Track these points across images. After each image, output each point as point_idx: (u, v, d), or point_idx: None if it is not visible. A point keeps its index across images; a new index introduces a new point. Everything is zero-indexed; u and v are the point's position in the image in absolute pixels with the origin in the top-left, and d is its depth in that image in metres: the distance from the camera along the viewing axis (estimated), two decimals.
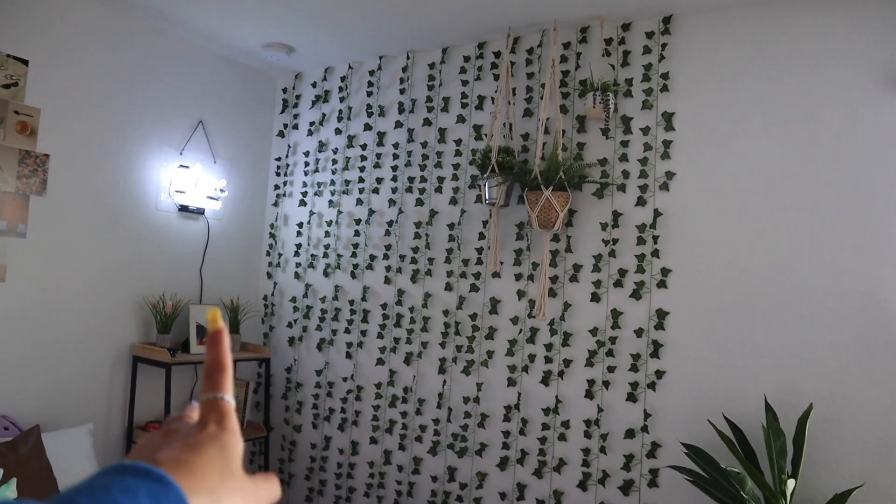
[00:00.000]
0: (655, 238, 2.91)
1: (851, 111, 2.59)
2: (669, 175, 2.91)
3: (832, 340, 2.53)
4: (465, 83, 3.52)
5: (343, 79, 4.01)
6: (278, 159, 4.27)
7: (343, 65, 4.02)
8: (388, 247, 3.68)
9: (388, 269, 3.67)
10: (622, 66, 3.08)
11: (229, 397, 0.53)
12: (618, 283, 2.98)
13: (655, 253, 2.91)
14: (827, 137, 2.62)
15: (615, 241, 3.00)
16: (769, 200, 2.70)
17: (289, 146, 4.24)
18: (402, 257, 3.62)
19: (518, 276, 3.24)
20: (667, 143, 2.92)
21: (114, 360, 3.42)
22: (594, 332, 3.01)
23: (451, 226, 3.46)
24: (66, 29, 3.19)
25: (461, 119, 3.49)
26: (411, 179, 3.64)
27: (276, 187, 4.26)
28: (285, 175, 4.23)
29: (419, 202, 3.59)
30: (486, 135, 3.38)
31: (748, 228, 2.73)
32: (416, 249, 3.57)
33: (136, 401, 3.48)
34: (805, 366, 2.57)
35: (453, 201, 3.47)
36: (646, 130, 2.98)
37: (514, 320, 3.22)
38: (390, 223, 3.68)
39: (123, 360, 3.46)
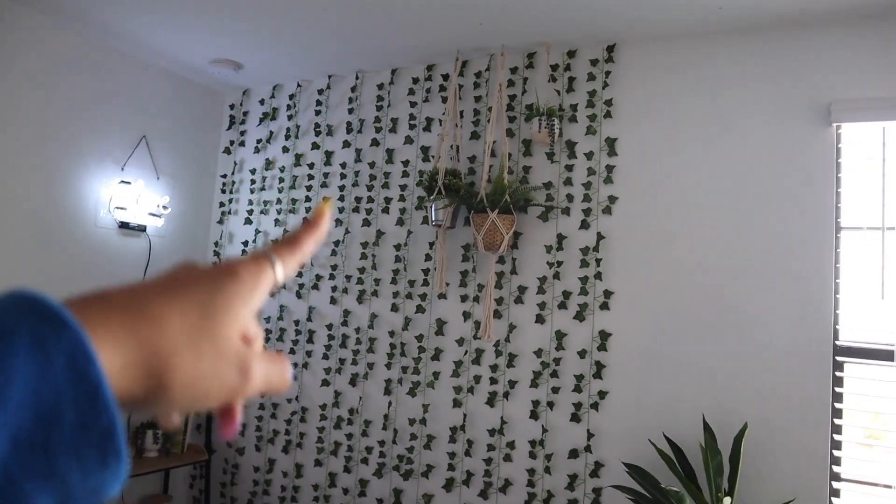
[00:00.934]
0: (598, 261, 2.97)
1: (783, 139, 2.70)
2: (612, 199, 2.98)
3: (766, 361, 2.62)
4: (413, 104, 3.54)
5: (291, 97, 3.99)
6: (224, 176, 4.21)
7: (292, 83, 4.00)
8: (334, 267, 3.66)
9: (333, 289, 3.64)
10: (567, 92, 3.15)
11: (278, 262, 0.44)
12: (562, 305, 3.02)
13: (598, 275, 2.96)
14: (761, 164, 2.72)
15: (559, 264, 3.05)
16: (707, 224, 2.79)
17: (235, 163, 4.18)
18: (348, 277, 3.60)
19: (464, 298, 3.26)
20: (610, 168, 3.00)
21: None
22: (539, 353, 3.04)
23: (397, 246, 3.46)
24: (3, 38, 3.09)
25: (409, 140, 3.50)
26: (358, 199, 3.63)
27: (222, 205, 4.19)
28: (231, 192, 4.17)
29: (366, 222, 3.58)
30: (433, 157, 3.40)
31: (687, 252, 2.81)
32: (362, 270, 3.56)
33: None
34: (741, 386, 2.65)
35: (400, 222, 3.48)
36: (590, 155, 3.04)
37: (460, 341, 3.23)
38: (336, 243, 3.66)
39: None
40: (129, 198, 3.64)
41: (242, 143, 4.16)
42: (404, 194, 3.50)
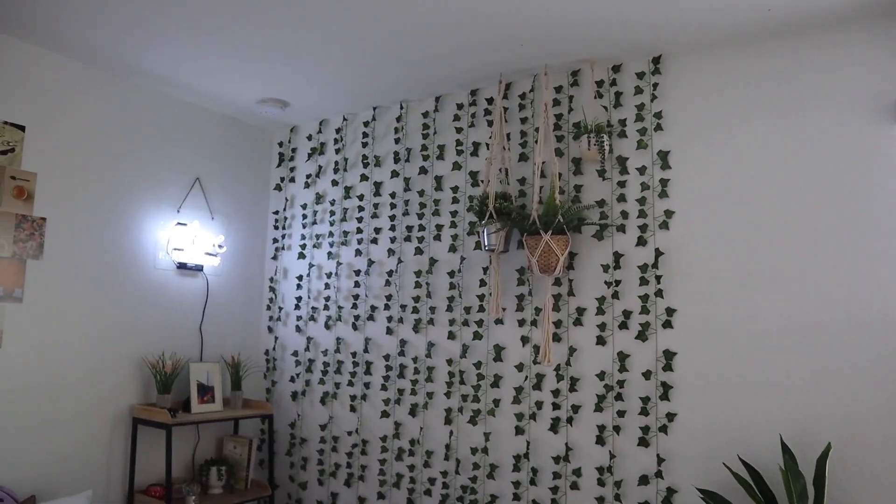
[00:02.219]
0: (658, 278, 2.88)
1: (847, 140, 2.58)
2: (668, 213, 2.89)
3: (847, 375, 2.47)
4: (459, 130, 3.53)
5: (338, 130, 4.03)
6: (276, 213, 4.26)
7: (338, 117, 4.05)
8: (388, 297, 3.65)
9: (389, 319, 3.63)
10: (615, 108, 3.09)
11: None
12: (623, 325, 2.93)
13: (659, 293, 2.87)
14: (825, 168, 2.60)
15: (618, 283, 2.97)
16: (771, 234, 2.67)
17: (286, 199, 4.24)
18: (403, 307, 3.59)
19: (521, 322, 3.20)
20: (664, 182, 2.91)
21: (113, 423, 3.35)
22: (601, 375, 2.95)
23: (451, 273, 3.43)
24: (62, 93, 3.21)
25: (457, 166, 3.49)
26: (409, 228, 3.63)
27: (275, 241, 4.24)
28: (283, 228, 4.22)
29: (418, 251, 3.56)
30: (482, 181, 3.38)
31: (752, 263, 2.70)
32: (416, 299, 3.53)
33: (137, 464, 3.41)
34: (820, 403, 2.50)
35: (452, 249, 3.45)
36: (642, 170, 2.97)
37: (520, 367, 3.17)
38: (390, 273, 3.66)
39: (123, 423, 3.39)
40: (185, 239, 3.72)
41: (293, 179, 4.22)
42: (455, 220, 3.47)
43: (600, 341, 2.98)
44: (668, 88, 2.98)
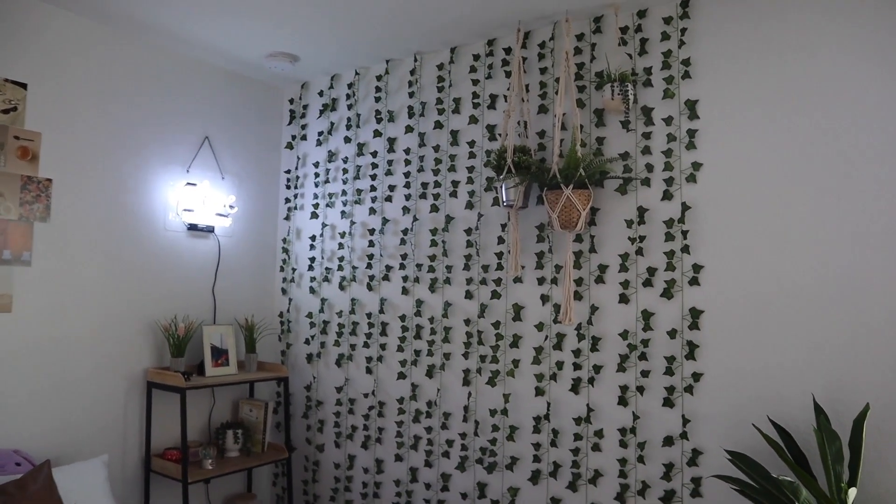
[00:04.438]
0: (685, 233, 2.75)
1: (891, 87, 2.41)
2: (696, 166, 2.75)
3: (886, 332, 2.35)
4: (475, 83, 3.39)
5: (350, 86, 3.89)
6: (288, 172, 4.16)
7: (349, 71, 3.91)
8: (403, 256, 3.55)
9: (405, 279, 3.54)
10: (640, 55, 2.93)
11: None
12: (647, 283, 2.82)
13: (685, 249, 2.75)
14: (866, 116, 2.44)
15: (642, 239, 2.85)
16: (806, 186, 2.53)
17: (298, 158, 4.13)
18: (418, 266, 3.49)
19: (541, 281, 3.09)
20: (691, 133, 2.77)
21: (128, 388, 3.31)
22: (624, 335, 2.85)
23: (468, 231, 3.32)
24: (64, 50, 3.10)
25: (473, 120, 3.35)
26: (425, 185, 3.51)
27: (287, 200, 4.15)
28: (296, 188, 4.12)
29: (434, 208, 3.45)
30: (500, 135, 3.24)
31: (785, 217, 2.56)
32: (433, 258, 3.44)
33: (153, 428, 3.38)
34: (856, 362, 2.39)
35: (469, 206, 3.34)
36: (668, 120, 2.82)
37: (539, 326, 3.07)
38: (405, 231, 3.55)
39: (137, 387, 3.35)
40: (195, 199, 3.63)
41: (304, 137, 4.11)
42: (472, 176, 3.35)
43: (623, 299, 2.87)
44: (696, 34, 2.81)
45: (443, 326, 3.38)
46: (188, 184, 3.62)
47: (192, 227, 3.64)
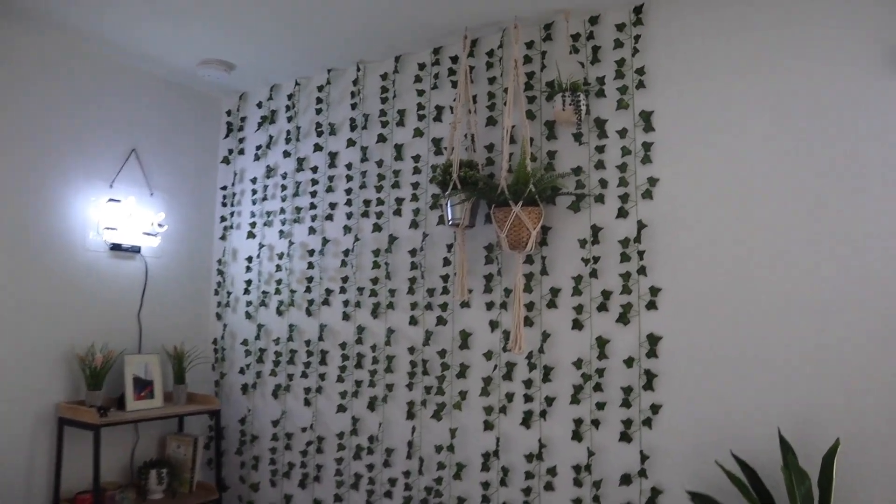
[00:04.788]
0: (641, 253, 2.56)
1: (851, 97, 2.27)
2: (652, 181, 2.57)
3: (854, 362, 2.18)
4: (421, 93, 3.18)
5: (290, 96, 3.66)
6: (224, 188, 3.89)
7: (290, 81, 3.67)
8: (344, 279, 3.30)
9: (345, 303, 3.28)
10: (592, 64, 2.75)
11: None
12: (602, 307, 2.62)
13: (642, 270, 2.56)
14: (826, 126, 2.29)
15: (596, 260, 2.65)
16: (768, 202, 2.36)
17: (235, 173, 3.86)
18: (360, 290, 3.24)
19: (490, 305, 2.87)
20: (647, 146, 2.59)
21: (35, 425, 2.98)
22: (578, 363, 2.64)
23: (412, 252, 3.09)
24: None
25: (418, 133, 3.14)
26: (367, 203, 3.28)
27: (223, 219, 3.87)
28: (232, 205, 3.84)
29: (377, 228, 3.22)
30: (445, 148, 3.04)
31: (746, 235, 2.39)
32: (375, 280, 3.19)
33: (64, 469, 3.04)
34: (825, 394, 2.21)
35: (414, 225, 3.11)
36: (623, 133, 2.64)
37: (488, 355, 2.85)
38: (346, 253, 3.31)
39: (47, 424, 3.02)
40: (119, 216, 3.33)
41: (242, 151, 3.85)
42: (417, 193, 3.13)
43: (577, 325, 2.66)
44: (651, 41, 2.65)
45: (385, 355, 3.13)
46: (111, 200, 3.32)
47: (116, 247, 3.34)
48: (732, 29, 2.49)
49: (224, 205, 3.88)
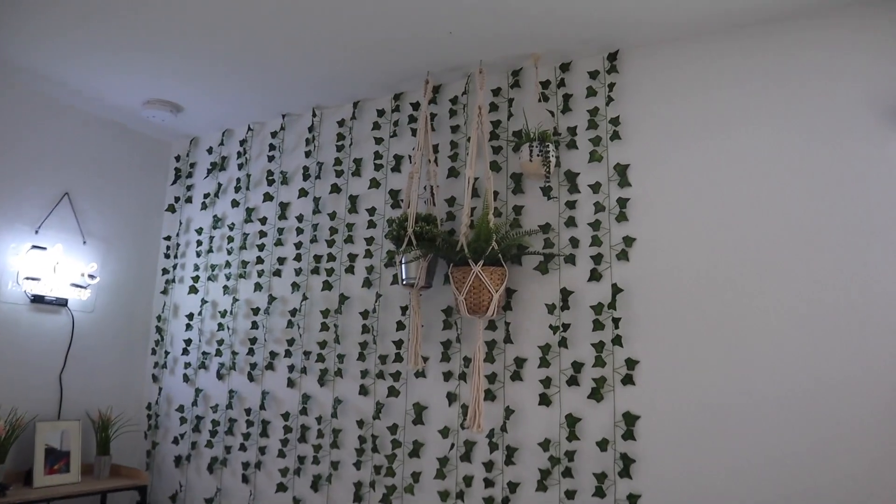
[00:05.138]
0: (616, 321, 2.29)
1: (838, 155, 2.06)
2: (628, 241, 2.32)
3: (854, 449, 1.90)
4: (379, 141, 2.94)
5: (242, 142, 3.40)
6: (168, 238, 3.58)
7: (243, 126, 3.42)
8: (290, 342, 2.99)
9: (290, 368, 2.96)
10: (563, 113, 2.54)
11: None
12: (572, 381, 2.33)
13: (617, 340, 2.28)
14: (815, 180, 2.08)
15: (566, 328, 2.38)
16: (757, 266, 2.12)
17: (180, 222, 3.57)
18: (306, 354, 2.93)
19: (447, 376, 2.57)
20: (622, 202, 2.35)
21: None
22: (545, 444, 2.33)
23: (364, 314, 2.80)
24: None
25: (375, 184, 2.89)
26: (318, 259, 2.99)
27: (165, 271, 3.55)
28: (176, 257, 3.53)
29: (327, 286, 2.93)
30: (402, 200, 2.78)
31: (733, 304, 2.14)
32: (323, 344, 2.88)
33: None
34: (818, 477, 1.93)
35: (367, 283, 2.83)
36: (596, 187, 2.41)
37: (445, 432, 2.53)
38: (293, 312, 3.00)
39: None
40: (43, 266, 3.01)
41: (189, 200, 3.56)
42: (371, 249, 2.86)
43: (544, 401, 2.37)
44: (626, 89, 2.44)
45: (332, 428, 2.79)
46: (35, 247, 3.01)
47: (38, 299, 3.00)
48: (715, 76, 2.30)
49: (167, 256, 3.57)
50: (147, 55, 2.69)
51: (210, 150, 3.53)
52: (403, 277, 2.50)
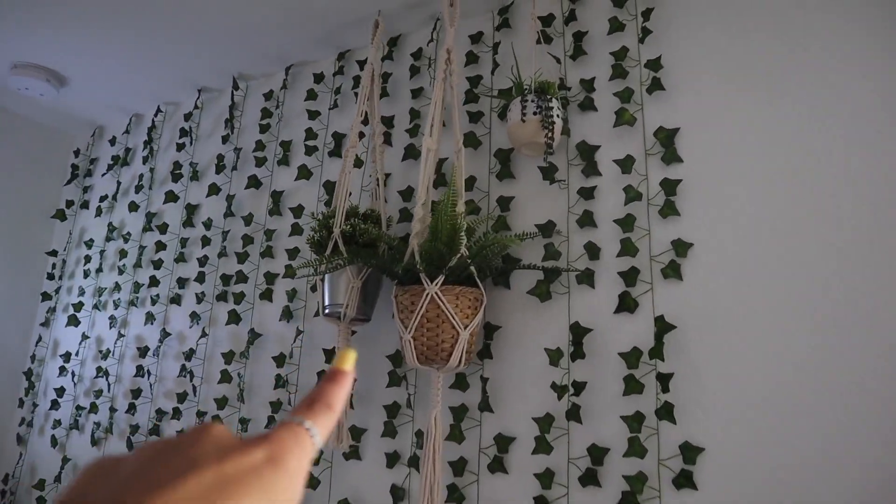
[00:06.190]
0: (664, 379, 1.40)
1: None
2: (681, 248, 1.44)
3: None
4: (314, 115, 2.10)
5: (150, 129, 2.57)
6: (53, 254, 2.72)
7: (152, 108, 2.60)
8: (182, 397, 2.09)
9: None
10: (573, 58, 1.69)
11: (316, 431, 0.32)
12: (589, 478, 1.43)
13: (666, 411, 1.38)
14: None
15: (579, 388, 1.48)
16: (881, 278, 1.24)
17: (70, 233, 2.72)
18: (200, 416, 2.04)
19: (392, 459, 1.67)
20: (669, 187, 1.48)
21: None
22: None
23: (279, 359, 1.91)
24: None
25: (305, 173, 2.04)
26: (226, 280, 2.12)
27: (47, 296, 2.69)
28: (61, 278, 2.68)
29: (234, 317, 2.05)
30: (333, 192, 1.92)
31: (854, 340, 1.25)
32: (223, 402, 1.99)
33: None
34: None
35: (287, 314, 1.95)
36: (626, 165, 1.54)
37: None
38: (188, 355, 2.12)
39: None
40: None
41: (85, 205, 2.72)
42: (295, 265, 1.99)
43: (541, 503, 1.46)
44: (671, 18, 1.59)
45: None
46: None
47: None
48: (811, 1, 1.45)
49: (51, 277, 2.71)
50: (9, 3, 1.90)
51: (113, 141, 2.71)
52: (326, 303, 1.61)
